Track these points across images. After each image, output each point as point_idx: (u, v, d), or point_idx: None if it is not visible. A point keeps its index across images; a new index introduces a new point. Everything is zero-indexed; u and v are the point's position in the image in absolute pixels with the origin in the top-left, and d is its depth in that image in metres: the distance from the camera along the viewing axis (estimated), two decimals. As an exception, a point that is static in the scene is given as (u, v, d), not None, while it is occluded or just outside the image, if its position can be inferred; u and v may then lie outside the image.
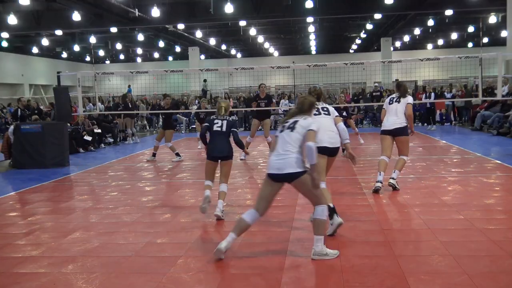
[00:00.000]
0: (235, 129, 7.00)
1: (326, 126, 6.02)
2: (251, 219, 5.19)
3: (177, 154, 13.15)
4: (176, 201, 8.30)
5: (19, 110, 13.36)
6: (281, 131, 5.20)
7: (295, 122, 5.13)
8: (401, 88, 8.44)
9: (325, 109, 6.28)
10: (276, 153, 5.11)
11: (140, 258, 5.35)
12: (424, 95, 20.32)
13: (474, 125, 18.61)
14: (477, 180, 8.92)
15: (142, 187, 9.71)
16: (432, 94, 20.00)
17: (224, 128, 6.89)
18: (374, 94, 21.57)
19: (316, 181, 4.93)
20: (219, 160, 6.95)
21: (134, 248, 5.70)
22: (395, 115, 8.16)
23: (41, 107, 23.02)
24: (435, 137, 16.80)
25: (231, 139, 6.97)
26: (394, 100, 8.30)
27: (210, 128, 7.00)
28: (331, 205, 5.70)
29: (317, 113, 6.01)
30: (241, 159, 12.46)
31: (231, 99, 23.94)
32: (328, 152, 6.08)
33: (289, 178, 5.04)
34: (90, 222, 6.93)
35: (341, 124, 6.28)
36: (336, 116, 6.30)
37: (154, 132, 23.72)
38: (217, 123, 6.95)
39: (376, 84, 24.92)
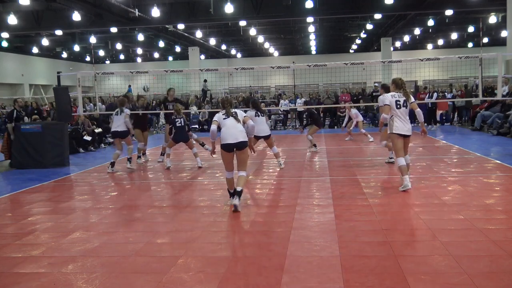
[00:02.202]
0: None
1: (230, 127, 7.23)
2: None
3: (139, 157, 12.88)
4: (176, 201, 8.29)
5: (15, 111, 13.20)
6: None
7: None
8: (404, 87, 8.39)
9: (234, 113, 7.39)
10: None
11: (140, 258, 5.35)
12: (427, 95, 20.30)
13: (474, 125, 18.62)
14: (477, 180, 8.92)
15: (142, 187, 9.71)
16: (434, 94, 19.99)
17: (183, 124, 9.23)
18: (374, 94, 21.56)
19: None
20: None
21: (134, 248, 5.70)
22: (407, 120, 8.28)
23: (42, 108, 23.07)
24: (435, 137, 16.80)
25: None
26: (402, 104, 8.23)
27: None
28: (238, 189, 7.11)
29: (226, 117, 7.30)
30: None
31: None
32: (232, 147, 7.19)
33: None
34: (90, 222, 6.93)
35: (250, 122, 7.45)
36: (244, 116, 7.47)
37: (154, 132, 23.72)
38: (178, 121, 9.16)
39: (376, 84, 24.92)
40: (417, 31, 32.39)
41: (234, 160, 7.33)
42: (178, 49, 36.16)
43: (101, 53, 38.52)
